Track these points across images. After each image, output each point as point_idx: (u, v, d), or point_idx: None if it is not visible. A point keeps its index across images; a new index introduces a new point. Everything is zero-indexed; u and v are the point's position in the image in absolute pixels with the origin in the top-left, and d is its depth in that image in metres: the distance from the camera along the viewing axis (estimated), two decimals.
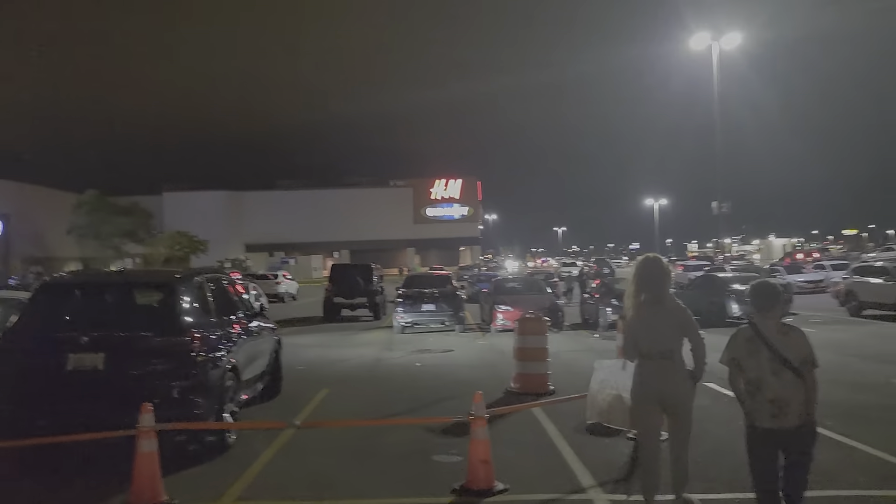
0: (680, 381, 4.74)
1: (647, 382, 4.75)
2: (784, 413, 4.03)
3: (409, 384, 10.74)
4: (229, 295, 8.39)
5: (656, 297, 4.79)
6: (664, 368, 4.69)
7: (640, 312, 4.80)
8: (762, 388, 4.08)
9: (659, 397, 4.74)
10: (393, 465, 6.36)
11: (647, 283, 4.83)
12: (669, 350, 4.69)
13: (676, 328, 4.73)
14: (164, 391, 6.22)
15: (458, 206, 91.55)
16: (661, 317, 4.73)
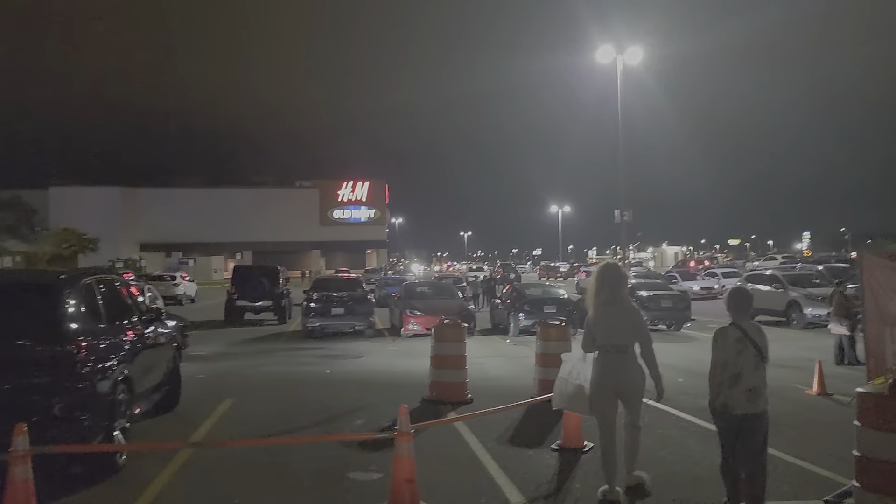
0: (633, 371, 5.38)
1: (604, 374, 5.37)
2: (756, 399, 4.70)
3: (319, 393, 10.19)
4: (122, 298, 7.63)
5: (613, 298, 5.42)
6: (619, 361, 5.34)
7: (598, 311, 5.42)
8: (741, 380, 4.70)
9: (615, 387, 5.37)
10: (305, 485, 5.86)
11: (605, 285, 5.46)
12: (624, 344, 5.35)
13: (629, 326, 5.38)
14: (44, 408, 5.48)
15: (366, 209, 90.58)
16: (617, 315, 5.38)
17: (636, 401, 5.44)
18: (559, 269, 75.11)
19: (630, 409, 5.46)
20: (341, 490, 5.69)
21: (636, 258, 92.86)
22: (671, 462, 6.36)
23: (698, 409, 8.38)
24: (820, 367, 9.74)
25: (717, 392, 4.83)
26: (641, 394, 5.46)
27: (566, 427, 6.83)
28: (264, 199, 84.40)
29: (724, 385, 4.77)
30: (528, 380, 10.39)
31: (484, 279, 32.94)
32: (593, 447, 6.74)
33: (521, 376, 11.26)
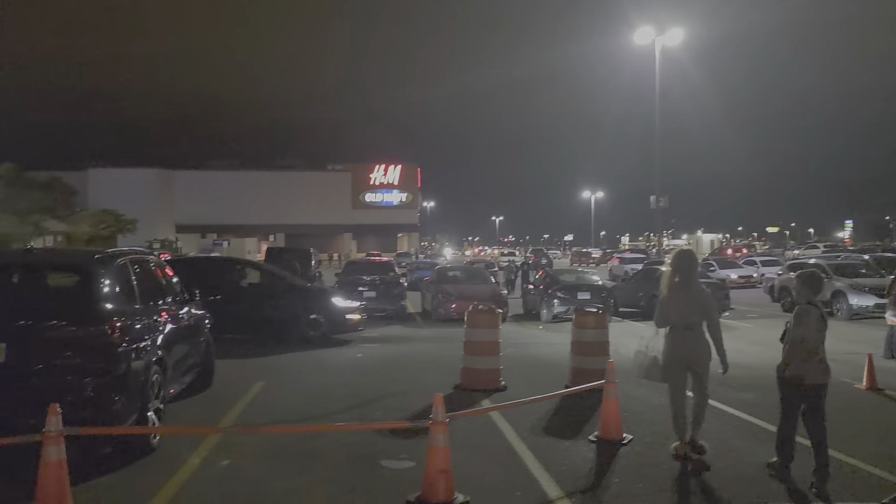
0: (701, 347, 6.02)
1: (675, 348, 6.03)
2: (827, 371, 5.37)
3: (348, 377, 10.12)
4: (157, 278, 7.59)
5: (686, 281, 6.08)
6: (689, 337, 6.00)
7: (672, 292, 6.07)
8: (817, 352, 5.29)
9: (685, 359, 6.03)
10: (336, 472, 5.75)
11: (679, 269, 6.11)
12: (693, 322, 6.00)
13: (700, 307, 6.00)
14: (78, 388, 5.46)
15: (397, 193, 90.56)
16: (689, 296, 6.00)
17: (703, 373, 6.07)
18: (591, 255, 74.42)
19: (698, 380, 6.09)
20: (373, 477, 5.59)
21: (670, 245, 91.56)
22: (713, 458, 6.14)
23: (740, 402, 8.13)
24: (870, 360, 9.38)
25: (794, 364, 5.33)
26: (708, 366, 6.08)
27: (604, 418, 6.63)
28: (297, 182, 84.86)
29: (802, 358, 5.29)
30: (562, 367, 10.19)
31: (520, 264, 32.59)
32: (632, 440, 6.56)
33: (555, 364, 11.06)
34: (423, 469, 5.31)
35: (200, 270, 14.57)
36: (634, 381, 9.44)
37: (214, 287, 13.26)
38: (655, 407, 8.15)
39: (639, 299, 20.14)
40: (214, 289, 13.23)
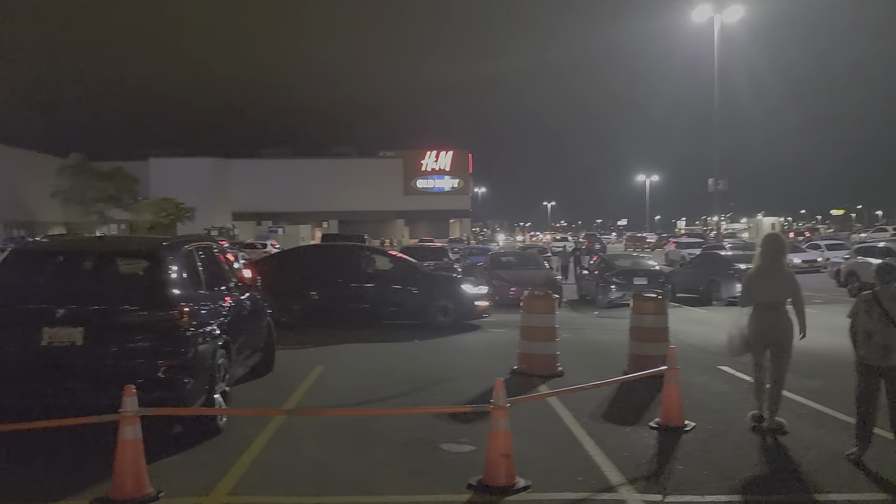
0: (784, 323, 6.39)
1: (760, 325, 6.42)
2: (888, 355, 5.43)
3: (405, 361, 10.22)
4: (220, 264, 7.79)
5: (774, 263, 6.52)
6: (773, 315, 6.38)
7: (760, 273, 6.55)
8: (873, 336, 5.46)
9: (768, 335, 6.40)
10: (398, 455, 5.83)
11: (768, 252, 6.56)
12: (778, 302, 6.42)
13: (785, 287, 6.46)
14: (149, 370, 5.66)
15: (449, 179, 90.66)
16: (776, 278, 6.48)
17: (785, 348, 6.40)
18: (646, 239, 73.17)
19: (779, 355, 6.41)
20: (434, 461, 5.64)
21: (728, 229, 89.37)
22: (781, 447, 6.00)
23: (806, 390, 7.92)
24: None
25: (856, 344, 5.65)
26: (791, 342, 6.41)
27: (666, 405, 6.54)
28: (349, 169, 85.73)
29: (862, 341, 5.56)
30: (618, 353, 10.09)
31: (573, 249, 32.32)
32: (695, 427, 6.46)
33: (611, 350, 10.95)
34: (482, 453, 5.36)
35: (331, 257, 14.84)
36: (695, 368, 9.31)
37: (345, 274, 13.76)
38: (717, 394, 8.02)
39: (697, 284, 19.75)
40: (345, 275, 13.73)
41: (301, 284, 13.74)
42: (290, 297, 13.42)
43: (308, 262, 14.90)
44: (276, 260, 15.50)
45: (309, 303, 13.62)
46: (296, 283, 13.79)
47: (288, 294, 13.44)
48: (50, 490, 4.94)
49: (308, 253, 16.92)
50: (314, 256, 15.52)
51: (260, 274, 13.88)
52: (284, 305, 13.26)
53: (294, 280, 13.85)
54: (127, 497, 4.66)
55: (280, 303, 13.23)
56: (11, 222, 57.54)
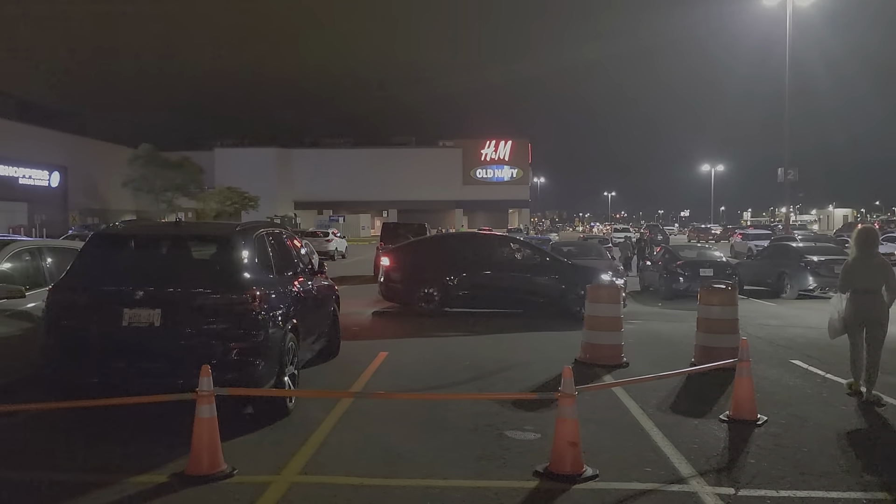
0: (879, 307, 7.12)
1: (857, 309, 7.17)
2: None
3: (468, 348, 10.25)
4: (289, 250, 7.94)
5: (869, 253, 7.28)
6: (869, 299, 7.12)
7: (857, 261, 7.28)
8: None
9: (864, 318, 7.16)
10: (463, 440, 5.86)
11: (863, 243, 7.31)
12: (873, 288, 7.13)
13: (880, 274, 7.13)
14: (223, 352, 5.82)
15: (508, 168, 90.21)
16: (871, 266, 7.19)
17: (880, 328, 7.11)
18: (711, 230, 71.33)
19: (876, 332, 7.12)
20: (499, 448, 5.64)
21: (797, 221, 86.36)
22: (859, 444, 5.78)
23: (888, 386, 7.60)
24: None
25: None
26: (887, 320, 7.13)
27: (737, 398, 6.38)
28: (409, 158, 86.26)
29: None
30: (684, 345, 9.92)
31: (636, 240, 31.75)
32: (767, 421, 6.29)
33: (677, 341, 10.76)
34: (548, 441, 5.34)
35: (470, 245, 15.04)
36: (765, 362, 9.05)
37: (484, 261, 13.95)
38: (789, 388, 7.78)
39: (766, 276, 19.16)
40: (484, 263, 13.92)
41: (440, 272, 13.80)
42: (429, 285, 13.63)
43: (447, 249, 15.02)
44: (414, 248, 15.54)
45: (448, 290, 13.71)
46: (434, 270, 13.87)
47: (427, 282, 13.67)
48: (129, 464, 5.15)
49: (446, 241, 16.95)
50: (452, 244, 15.63)
51: (397, 262, 14.26)
52: (424, 293, 13.57)
53: (433, 268, 13.94)
54: (203, 473, 4.82)
55: (419, 291, 13.65)
56: (86, 210, 59.95)
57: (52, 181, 57.04)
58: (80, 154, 60.36)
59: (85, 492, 4.66)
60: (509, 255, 14.56)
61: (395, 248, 15.46)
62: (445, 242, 16.79)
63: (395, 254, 14.71)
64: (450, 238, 17.61)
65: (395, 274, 14.26)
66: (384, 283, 14.47)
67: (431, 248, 15.89)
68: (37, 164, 54.82)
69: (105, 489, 4.70)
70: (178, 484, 4.76)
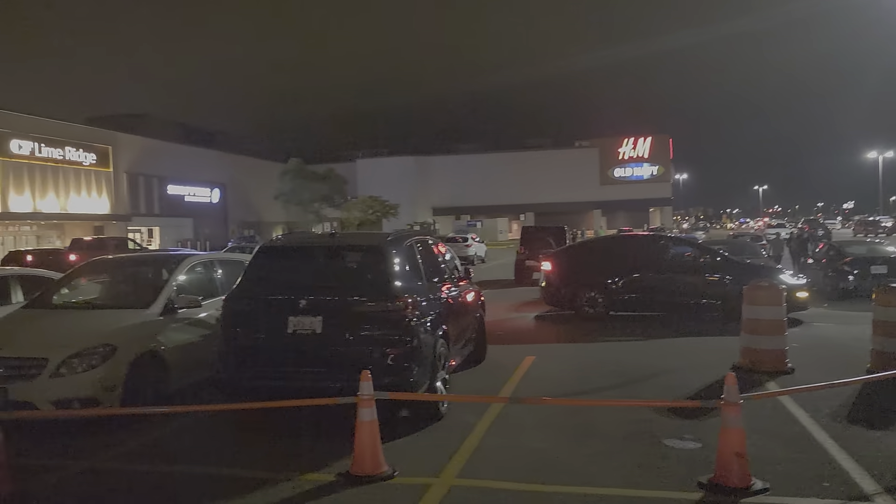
0: None
1: None
2: None
3: (616, 353, 10.00)
4: (436, 257, 8.13)
5: None
6: None
7: None
8: None
9: None
10: (618, 448, 5.72)
11: None
12: None
13: None
14: (379, 357, 6.04)
15: (648, 166, 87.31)
16: None
17: None
18: (881, 223, 65.23)
19: None
20: (657, 456, 5.46)
21: None
22: None
23: None
24: None
25: None
26: None
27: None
28: (544, 160, 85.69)
29: None
30: (856, 349, 9.14)
31: (793, 236, 29.69)
32: None
33: (847, 345, 9.95)
34: (710, 451, 5.11)
35: (632, 246, 14.84)
36: None
37: (649, 263, 13.59)
38: None
39: None
40: (649, 265, 13.56)
41: (603, 275, 13.57)
42: (592, 289, 13.51)
43: (609, 252, 14.79)
44: (575, 251, 15.51)
45: (613, 294, 13.49)
46: (597, 274, 13.65)
47: (590, 285, 13.56)
48: (299, 462, 5.47)
49: (608, 243, 16.71)
50: (614, 246, 15.37)
51: (558, 266, 14.28)
52: (587, 297, 13.48)
53: (595, 271, 13.72)
54: (366, 473, 5.02)
55: (582, 294, 13.55)
56: (243, 223, 64.45)
57: (213, 197, 61.85)
58: (237, 171, 64.95)
59: (261, 487, 5.00)
60: (676, 255, 13.91)
61: (556, 252, 15.31)
62: (608, 245, 16.30)
63: (556, 258, 14.56)
64: (612, 240, 17.11)
65: (556, 278, 14.09)
66: (545, 288, 14.34)
67: (593, 250, 15.52)
68: (200, 182, 59.70)
69: (279, 485, 5.02)
70: (345, 483, 4.99)
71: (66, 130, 45.97)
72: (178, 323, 7.48)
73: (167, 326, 7.30)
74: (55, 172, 44.14)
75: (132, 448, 6.02)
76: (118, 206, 49.41)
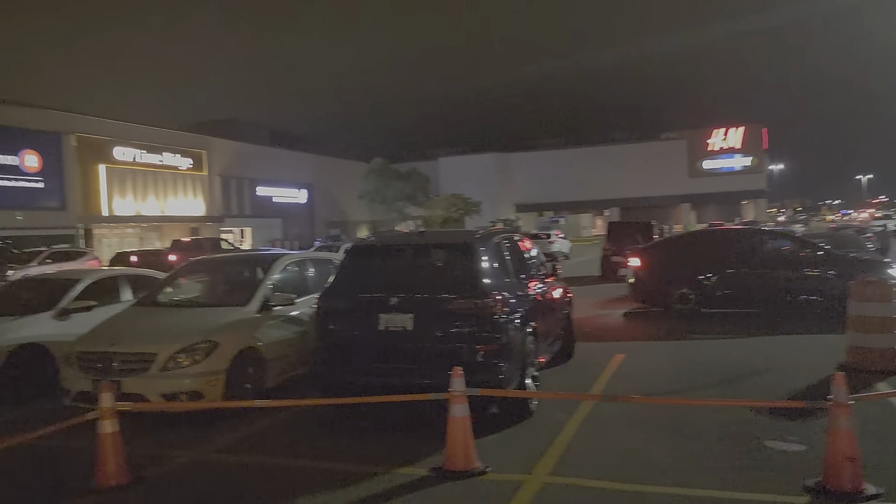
0: None
1: None
2: None
3: (710, 351, 9.68)
4: (524, 254, 8.09)
5: None
6: None
7: None
8: None
9: None
10: (714, 448, 5.54)
11: None
12: None
13: None
14: (469, 354, 6.07)
15: (740, 157, 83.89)
16: None
17: None
18: None
19: None
20: (760, 459, 5.26)
21: None
22: None
23: None
24: None
25: None
26: None
27: None
28: (628, 154, 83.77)
29: None
30: None
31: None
32: None
33: None
34: (815, 453, 4.91)
35: (727, 240, 14.26)
36: None
37: (745, 257, 13.04)
38: None
39: None
40: (746, 259, 13.01)
41: (695, 271, 13.19)
42: (684, 285, 13.15)
43: (701, 246, 14.22)
44: (666, 246, 15.13)
45: (706, 290, 13.06)
46: (689, 269, 13.27)
47: (682, 282, 13.20)
48: (392, 456, 5.57)
49: (700, 237, 16.25)
50: (707, 241, 14.80)
51: (648, 262, 13.90)
52: (679, 293, 13.15)
53: (687, 267, 13.33)
54: (459, 469, 5.07)
55: (673, 291, 13.21)
56: (329, 222, 66.06)
57: (301, 198, 63.64)
58: (323, 172, 66.60)
59: (357, 480, 5.12)
60: (773, 249, 13.25)
61: (645, 248, 14.90)
62: (700, 239, 15.68)
63: (645, 253, 14.20)
64: (704, 234, 16.45)
65: (645, 274, 13.74)
66: (634, 284, 14.01)
67: (685, 245, 14.90)
68: (288, 183, 61.55)
69: (374, 478, 5.13)
70: (438, 478, 5.05)
71: (164, 137, 48.35)
72: (274, 320, 7.75)
73: (264, 323, 7.58)
74: (154, 177, 46.48)
75: (233, 441, 6.29)
76: (212, 207, 51.57)
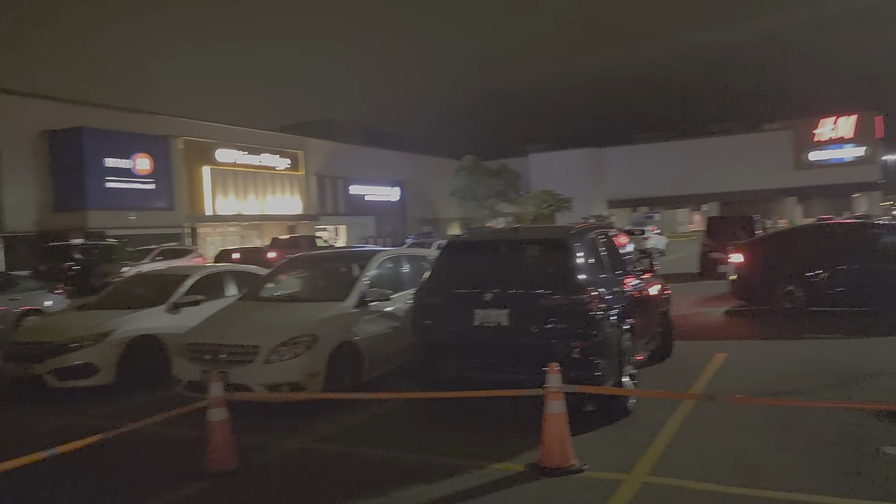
0: None
1: None
2: None
3: (821, 352, 9.20)
4: (618, 249, 7.95)
5: None
6: None
7: None
8: None
9: None
10: (823, 453, 5.29)
11: None
12: None
13: None
14: (565, 350, 6.02)
15: (850, 147, 78.94)
16: None
17: None
18: None
19: None
20: (878, 465, 4.98)
21: None
22: None
23: None
24: None
25: None
26: None
27: None
28: (728, 146, 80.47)
29: None
30: None
31: None
32: None
33: None
34: None
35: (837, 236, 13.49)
36: None
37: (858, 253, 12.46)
38: None
39: None
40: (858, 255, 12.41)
41: (803, 267, 12.65)
42: (791, 282, 12.65)
43: (809, 241, 13.70)
44: (770, 242, 14.60)
45: (814, 288, 12.50)
46: (796, 266, 12.75)
47: (788, 278, 12.70)
48: (488, 451, 5.61)
49: (808, 232, 15.40)
50: (816, 236, 14.20)
51: (751, 257, 13.45)
52: (785, 290, 12.67)
53: (794, 263, 12.82)
54: (555, 465, 5.05)
55: (779, 288, 12.72)
56: (420, 220, 66.89)
57: (393, 196, 64.72)
58: (414, 169, 67.44)
59: (453, 473, 5.19)
60: (890, 244, 12.38)
61: (749, 243, 14.31)
62: (808, 234, 14.84)
63: (748, 249, 13.66)
64: (813, 229, 15.58)
65: (749, 271, 13.23)
66: (736, 282, 13.52)
67: (791, 240, 14.25)
68: (381, 181, 62.72)
69: (471, 472, 5.19)
70: (535, 473, 5.06)
71: (262, 138, 50.21)
72: (371, 315, 7.94)
73: (361, 318, 7.78)
74: (254, 177, 48.36)
75: (332, 431, 6.49)
76: (309, 206, 53.20)
